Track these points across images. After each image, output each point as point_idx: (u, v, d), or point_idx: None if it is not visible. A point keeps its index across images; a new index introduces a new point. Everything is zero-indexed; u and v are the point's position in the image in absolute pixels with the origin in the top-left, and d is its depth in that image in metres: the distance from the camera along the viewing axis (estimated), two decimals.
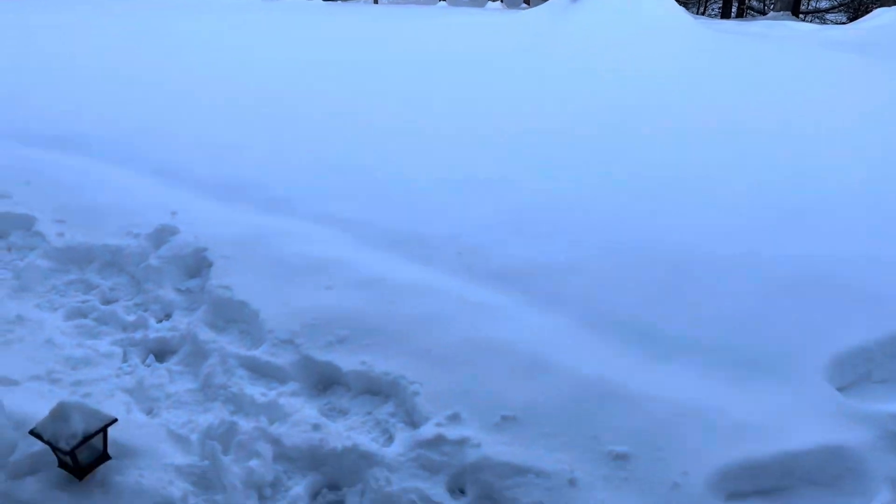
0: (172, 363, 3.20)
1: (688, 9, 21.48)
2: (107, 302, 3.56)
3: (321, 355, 3.13)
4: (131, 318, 3.41)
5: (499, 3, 19.80)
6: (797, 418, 2.69)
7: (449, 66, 7.55)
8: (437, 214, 4.10)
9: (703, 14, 27.13)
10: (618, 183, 4.46)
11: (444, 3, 21.40)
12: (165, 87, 6.81)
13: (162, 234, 3.88)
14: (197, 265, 3.71)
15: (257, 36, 9.76)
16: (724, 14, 29.17)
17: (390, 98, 6.49)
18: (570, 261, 3.60)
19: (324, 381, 3.10)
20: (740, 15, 28.46)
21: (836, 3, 28.67)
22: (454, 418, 2.81)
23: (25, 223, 4.08)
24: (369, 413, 2.94)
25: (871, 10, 14.39)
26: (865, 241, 3.72)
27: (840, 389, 2.87)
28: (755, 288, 3.36)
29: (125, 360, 3.18)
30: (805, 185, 4.42)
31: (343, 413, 2.96)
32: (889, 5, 15.78)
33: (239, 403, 2.96)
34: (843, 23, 20.98)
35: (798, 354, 2.99)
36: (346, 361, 3.09)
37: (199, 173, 4.67)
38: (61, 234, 3.93)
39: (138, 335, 3.31)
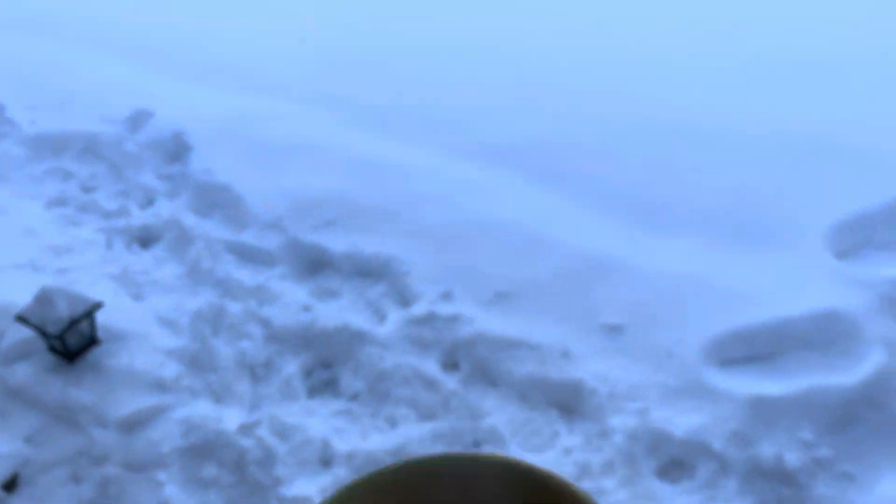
0: (158, 249, 3.13)
1: None
2: (86, 190, 3.45)
3: (309, 237, 3.06)
4: (113, 205, 3.32)
5: None
6: (794, 285, 2.66)
7: None
8: (426, 90, 3.93)
9: None
10: (612, 55, 4.26)
11: None
12: None
13: (139, 119, 3.72)
14: (177, 149, 3.58)
15: None
16: None
17: None
18: (565, 136, 3.48)
19: (313, 264, 3.05)
20: None
21: None
22: (447, 296, 2.77)
23: None
24: (360, 294, 2.90)
25: None
26: (864, 104, 3.59)
27: (839, 256, 2.83)
28: (755, 155, 3.26)
29: (109, 247, 3.11)
30: (803, 46, 4.23)
31: (334, 294, 2.91)
32: None
33: (227, 287, 2.91)
34: None
35: (797, 222, 2.93)
36: (336, 243, 3.03)
37: (176, 54, 4.44)
38: (34, 122, 3.77)
39: (121, 222, 3.23)
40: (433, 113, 3.71)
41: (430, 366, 2.59)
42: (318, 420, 2.46)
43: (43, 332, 2.50)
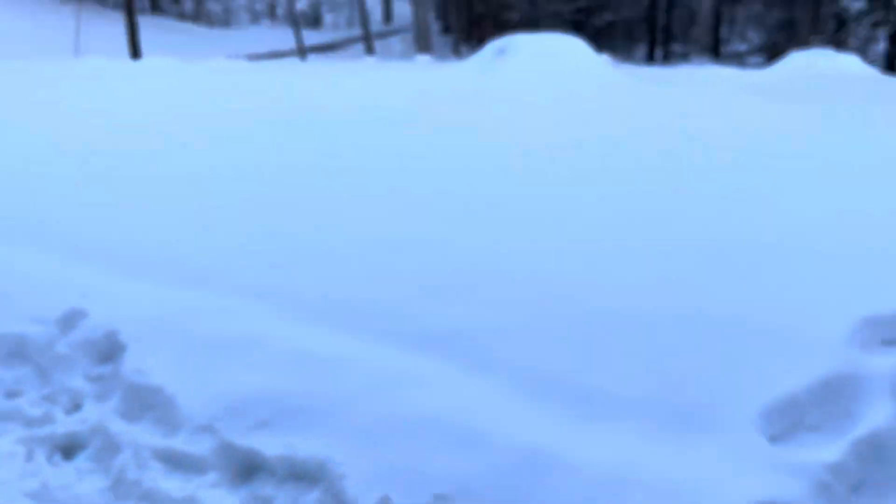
0: (81, 459, 2.99)
1: (614, 55, 22.32)
2: (10, 395, 3.33)
3: (243, 440, 2.98)
4: (37, 411, 3.20)
5: (428, 56, 20.18)
6: (730, 474, 2.65)
7: (371, 122, 7.55)
8: (360, 279, 4.01)
9: (630, 59, 28.24)
10: (539, 240, 4.44)
11: (372, 58, 21.72)
12: (69, 156, 6.57)
13: (71, 318, 3.68)
14: (110, 349, 3.52)
15: (169, 96, 9.61)
16: (650, 58, 30.43)
17: (307, 158, 6.42)
18: (497, 322, 3.54)
19: (246, 469, 2.94)
20: (666, 58, 29.76)
21: (752, 46, 30.21)
22: (384, 502, 2.68)
23: None
24: (294, 501, 2.79)
25: (785, 53, 15.20)
26: (784, 286, 3.77)
27: (772, 440, 2.85)
28: (680, 338, 3.35)
29: (29, 459, 2.97)
30: (722, 228, 4.49)
31: (266, 503, 2.79)
32: (802, 47, 16.66)
33: (153, 500, 2.77)
34: (762, 64, 22.10)
35: (728, 405, 2.96)
36: (270, 445, 2.94)
37: (112, 248, 4.48)
38: None
39: (45, 431, 3.10)
40: (365, 302, 3.77)
41: None
42: None
43: None
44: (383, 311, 3.69)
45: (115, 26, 23.41)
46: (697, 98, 8.23)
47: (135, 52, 19.90)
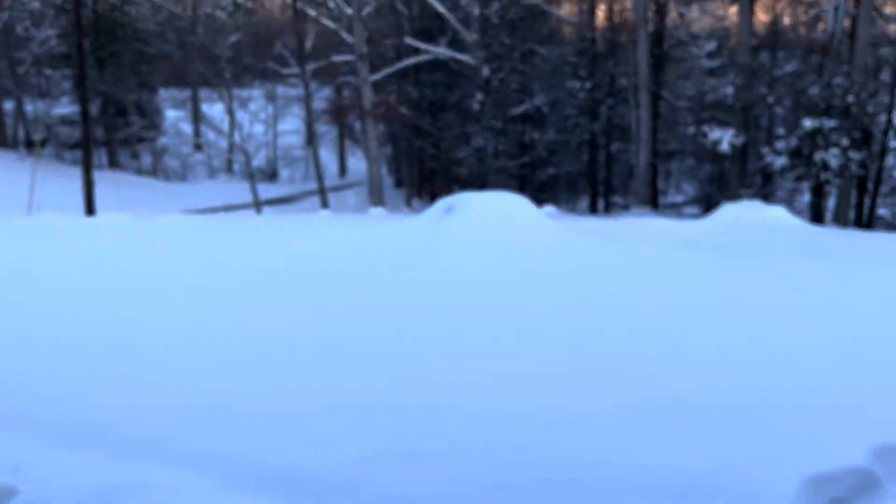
0: None
1: (558, 206, 23.35)
2: None
3: None
4: None
5: (381, 209, 20.85)
6: None
7: (323, 280, 7.62)
8: (310, 447, 3.92)
9: (574, 210, 29.58)
10: (491, 400, 4.45)
11: (326, 211, 22.33)
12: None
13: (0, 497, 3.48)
14: None
15: (115, 254, 9.60)
16: (592, 209, 31.90)
17: (255, 320, 6.39)
18: (446, 490, 3.47)
19: None
20: (608, 209, 31.24)
21: (687, 197, 32.07)
22: None
23: None
24: None
25: (718, 204, 16.18)
26: (730, 441, 3.80)
27: None
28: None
29: None
30: (664, 386, 4.56)
31: None
32: (733, 199, 17.77)
33: None
34: (698, 214, 23.38)
35: None
36: None
37: (47, 416, 4.33)
38: None
39: None
40: (311, 471, 3.69)
41: None
42: None
43: None
44: (329, 481, 3.60)
45: (73, 181, 23.70)
46: (633, 250, 8.58)
47: (90, 208, 20.04)
